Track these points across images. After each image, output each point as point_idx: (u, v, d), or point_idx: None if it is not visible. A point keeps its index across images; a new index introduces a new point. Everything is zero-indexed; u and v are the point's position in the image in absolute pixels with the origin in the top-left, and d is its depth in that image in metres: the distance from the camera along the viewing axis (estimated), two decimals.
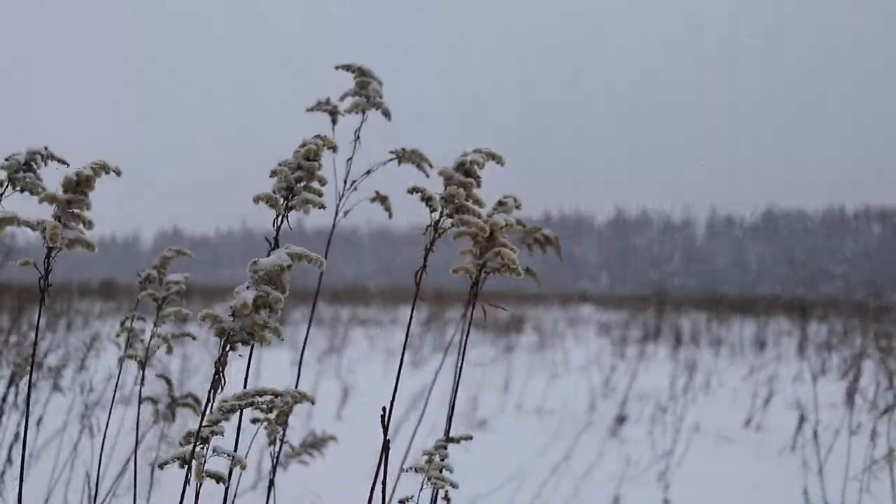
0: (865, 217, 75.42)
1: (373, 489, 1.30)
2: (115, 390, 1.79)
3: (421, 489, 1.29)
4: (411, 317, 1.31)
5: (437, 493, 1.35)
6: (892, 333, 5.54)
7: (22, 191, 1.34)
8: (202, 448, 1.19)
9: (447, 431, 1.42)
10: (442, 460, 1.30)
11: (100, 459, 1.83)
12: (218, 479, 1.22)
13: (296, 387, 1.28)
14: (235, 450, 1.27)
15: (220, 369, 1.14)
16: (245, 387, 1.25)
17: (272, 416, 1.19)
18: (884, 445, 3.70)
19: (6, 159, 1.36)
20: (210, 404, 1.20)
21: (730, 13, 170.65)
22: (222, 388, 1.18)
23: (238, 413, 1.25)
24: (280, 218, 1.29)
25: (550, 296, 28.92)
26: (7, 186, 1.35)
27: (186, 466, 1.20)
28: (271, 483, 1.46)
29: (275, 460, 1.42)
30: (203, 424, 1.20)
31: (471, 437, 1.35)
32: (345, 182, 1.81)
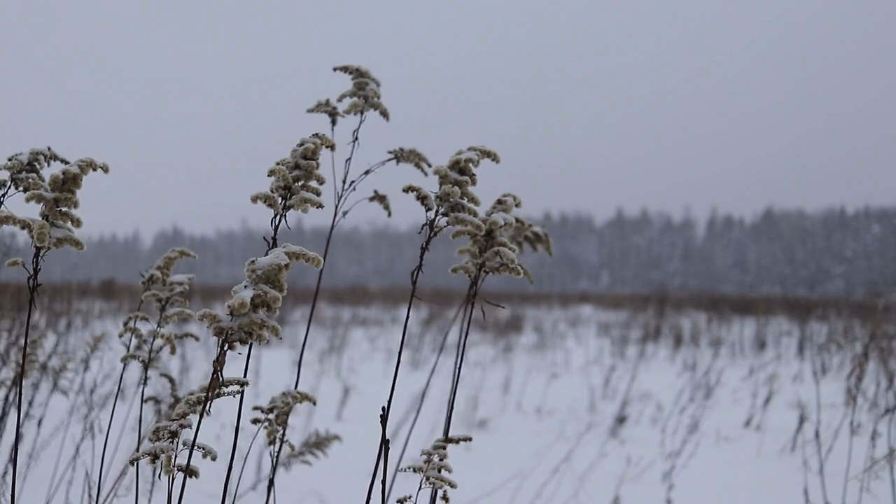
0: (865, 217, 75.39)
1: (371, 489, 1.30)
2: (118, 390, 1.78)
3: (419, 489, 1.29)
4: (408, 317, 1.31)
5: (435, 493, 1.35)
6: (893, 333, 5.53)
7: (25, 191, 1.32)
8: (171, 442, 1.18)
9: (446, 431, 1.42)
10: (441, 460, 1.30)
11: (102, 459, 1.83)
12: (190, 473, 1.21)
13: (295, 387, 1.28)
14: (234, 449, 1.27)
15: (219, 369, 1.14)
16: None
17: (272, 416, 1.19)
18: (884, 445, 3.70)
19: (9, 159, 1.34)
20: (209, 403, 1.19)
21: (730, 12, 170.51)
22: (220, 388, 1.17)
23: (238, 413, 1.24)
24: (278, 217, 1.27)
25: (550, 296, 28.92)
26: (10, 187, 1.34)
27: (185, 466, 1.19)
28: (271, 483, 1.46)
29: (275, 460, 1.41)
30: (171, 418, 1.19)
31: (469, 439, 1.35)
32: (343, 182, 1.80)
